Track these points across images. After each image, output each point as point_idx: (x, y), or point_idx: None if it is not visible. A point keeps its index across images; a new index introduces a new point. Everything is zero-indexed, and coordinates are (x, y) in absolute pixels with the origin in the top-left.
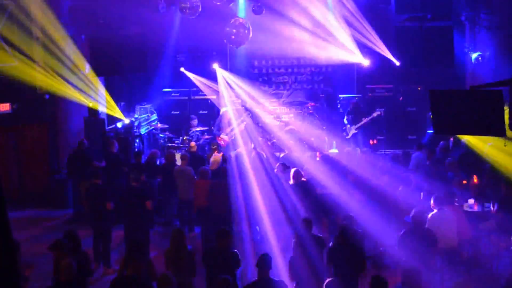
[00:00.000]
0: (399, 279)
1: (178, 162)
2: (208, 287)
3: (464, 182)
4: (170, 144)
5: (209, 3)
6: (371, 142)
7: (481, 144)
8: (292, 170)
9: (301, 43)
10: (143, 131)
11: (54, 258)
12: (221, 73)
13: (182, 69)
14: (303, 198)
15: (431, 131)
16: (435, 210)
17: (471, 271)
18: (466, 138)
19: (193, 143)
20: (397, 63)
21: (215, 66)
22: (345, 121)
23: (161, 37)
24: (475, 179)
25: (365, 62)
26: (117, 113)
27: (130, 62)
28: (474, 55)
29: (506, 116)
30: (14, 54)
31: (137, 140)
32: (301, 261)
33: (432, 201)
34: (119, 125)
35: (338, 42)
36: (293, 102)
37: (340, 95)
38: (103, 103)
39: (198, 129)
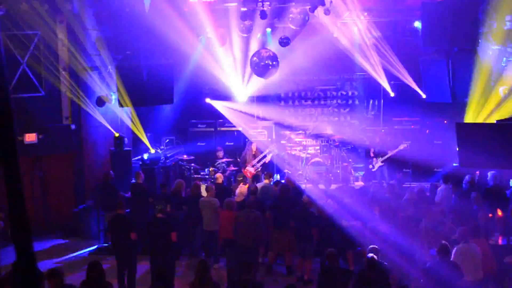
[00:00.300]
0: None
1: (203, 193)
2: None
3: (490, 215)
4: (196, 176)
5: (236, 34)
6: (398, 175)
7: None
8: (318, 203)
9: (327, 73)
10: (169, 162)
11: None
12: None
13: (207, 100)
14: (330, 230)
15: (456, 164)
16: (461, 243)
17: None
18: None
19: (219, 175)
20: (424, 96)
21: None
22: (371, 154)
23: (188, 68)
24: (499, 212)
25: (391, 93)
26: (145, 140)
27: (157, 93)
28: (500, 88)
29: None
30: (40, 85)
31: (163, 171)
32: None
33: (457, 234)
34: (145, 156)
35: (367, 68)
36: (319, 135)
37: (367, 128)
38: (130, 132)
39: (224, 160)
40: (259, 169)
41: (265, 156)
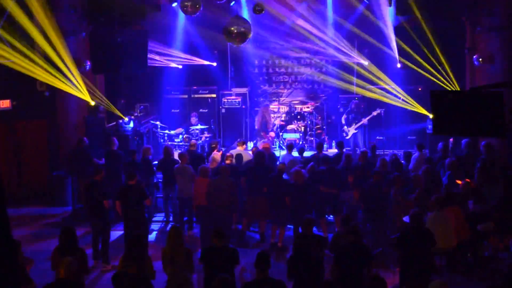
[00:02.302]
0: (397, 279)
1: (176, 157)
2: (206, 286)
3: (459, 182)
4: (170, 142)
5: (210, 2)
6: (370, 142)
7: None
8: (294, 170)
9: (301, 42)
10: (142, 129)
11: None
12: None
13: (180, 67)
14: (304, 198)
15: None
16: (435, 211)
17: (470, 271)
18: None
19: (193, 142)
20: (398, 65)
21: None
22: (343, 121)
23: (162, 34)
24: (467, 180)
25: (365, 62)
26: (114, 110)
27: (131, 60)
28: (474, 56)
29: None
30: (14, 51)
31: (136, 138)
32: (301, 260)
33: (431, 202)
34: (120, 122)
35: (337, 42)
36: (293, 102)
37: (340, 95)
38: (103, 100)
39: (198, 127)
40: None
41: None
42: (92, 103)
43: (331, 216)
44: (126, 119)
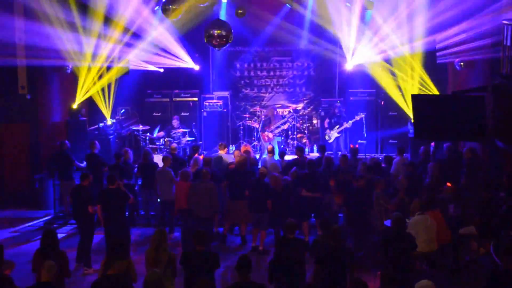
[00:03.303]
0: (378, 283)
1: (159, 162)
2: None
3: (441, 189)
4: (151, 146)
5: (192, 5)
6: (351, 146)
7: None
8: (271, 175)
9: (283, 45)
10: (124, 132)
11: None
12: None
13: (161, 70)
14: (285, 201)
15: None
16: (416, 215)
17: (451, 275)
18: None
19: (174, 145)
20: (380, 68)
21: None
22: (325, 124)
23: (144, 37)
24: (448, 184)
25: (348, 65)
26: (104, 110)
27: None
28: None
29: None
30: None
31: (118, 141)
32: (282, 264)
33: (412, 206)
34: (100, 125)
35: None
36: (274, 105)
37: (322, 99)
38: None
39: (179, 130)
40: (276, 135)
41: (283, 123)
42: (75, 106)
43: (313, 219)
44: (109, 122)
